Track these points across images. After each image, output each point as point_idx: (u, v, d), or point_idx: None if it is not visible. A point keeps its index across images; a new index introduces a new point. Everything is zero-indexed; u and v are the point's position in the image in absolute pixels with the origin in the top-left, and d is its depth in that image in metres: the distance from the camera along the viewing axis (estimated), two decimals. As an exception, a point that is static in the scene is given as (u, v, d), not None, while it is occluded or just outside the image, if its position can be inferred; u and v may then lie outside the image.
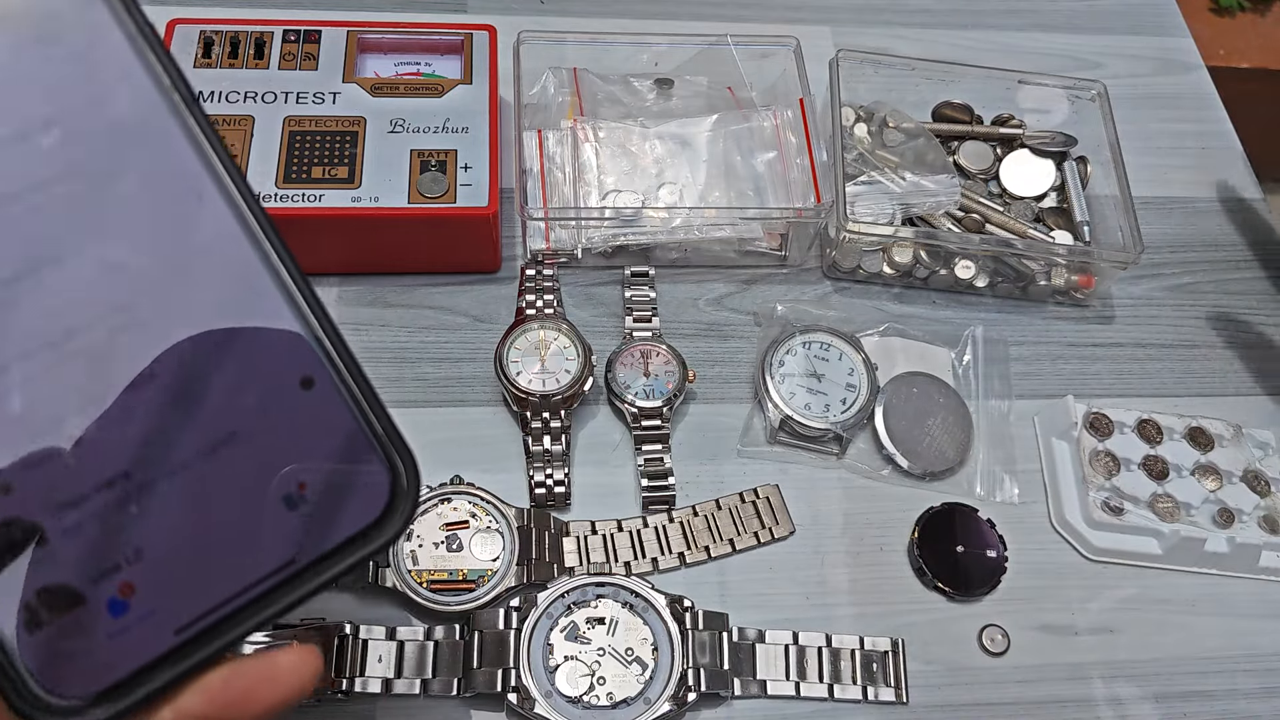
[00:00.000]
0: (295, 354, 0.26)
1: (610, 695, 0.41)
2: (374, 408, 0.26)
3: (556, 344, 0.48)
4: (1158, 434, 0.50)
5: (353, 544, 0.25)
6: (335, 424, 0.26)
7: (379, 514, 0.26)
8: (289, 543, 0.25)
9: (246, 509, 0.25)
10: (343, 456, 0.26)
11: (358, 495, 0.26)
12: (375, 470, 0.26)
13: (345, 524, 0.25)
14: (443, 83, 0.53)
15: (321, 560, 0.25)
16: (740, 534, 0.47)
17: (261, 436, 0.25)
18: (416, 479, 0.26)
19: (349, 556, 0.25)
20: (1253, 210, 0.62)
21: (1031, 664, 0.45)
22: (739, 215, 0.53)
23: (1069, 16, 0.69)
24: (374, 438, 0.26)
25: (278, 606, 0.25)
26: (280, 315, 0.26)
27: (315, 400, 0.26)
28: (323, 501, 0.26)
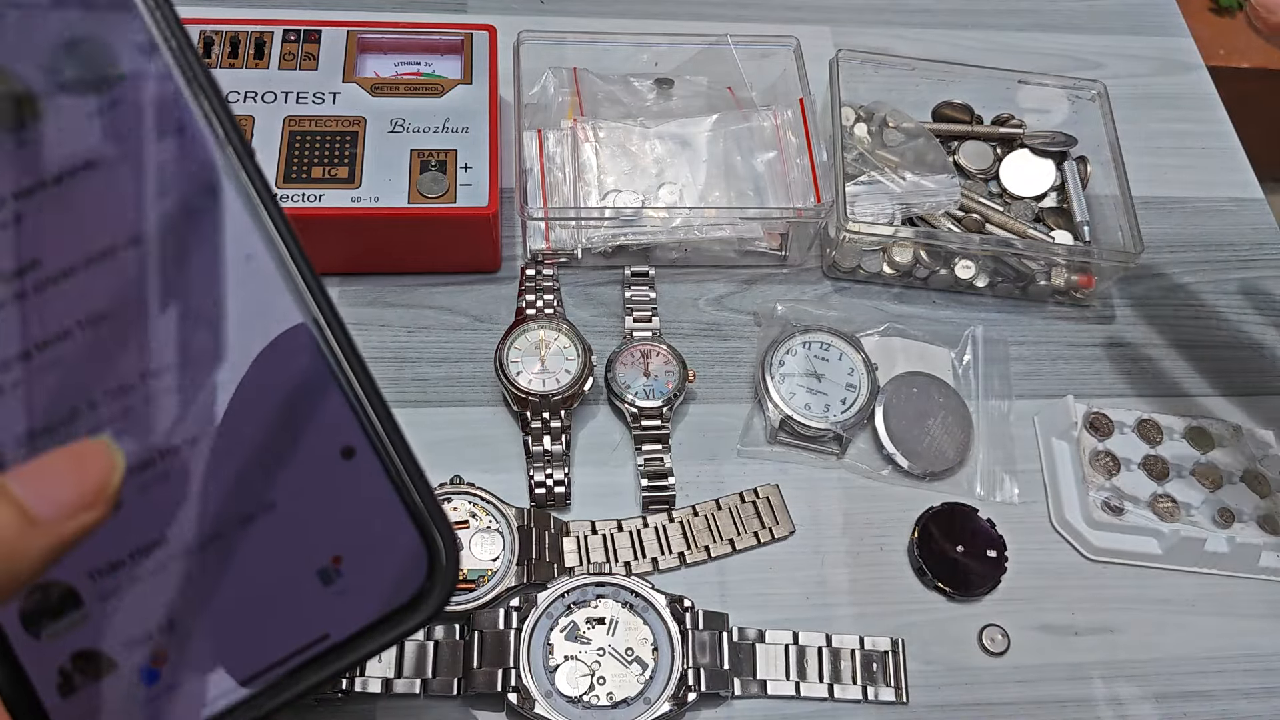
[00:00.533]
0: (337, 422, 0.25)
1: (610, 695, 0.41)
2: (416, 482, 0.25)
3: (556, 344, 0.48)
4: (1158, 434, 0.50)
5: (387, 621, 0.25)
6: (374, 497, 0.25)
7: (415, 592, 0.25)
8: (322, 619, 0.25)
9: (281, 582, 0.25)
10: (381, 531, 0.25)
11: (394, 572, 0.25)
12: (413, 547, 0.25)
13: (380, 601, 0.25)
14: (443, 83, 0.53)
15: (355, 637, 0.25)
16: (740, 534, 0.47)
17: (299, 507, 0.25)
18: (456, 557, 0.25)
19: (383, 635, 0.25)
20: (1253, 210, 0.62)
21: (1031, 664, 0.45)
22: (739, 215, 0.53)
23: (1069, 16, 0.69)
24: (414, 513, 0.25)
25: (308, 684, 0.24)
26: (324, 382, 0.25)
27: (355, 471, 0.25)
28: (359, 577, 0.25)
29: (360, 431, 0.25)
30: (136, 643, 0.24)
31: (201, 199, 0.25)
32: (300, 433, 0.25)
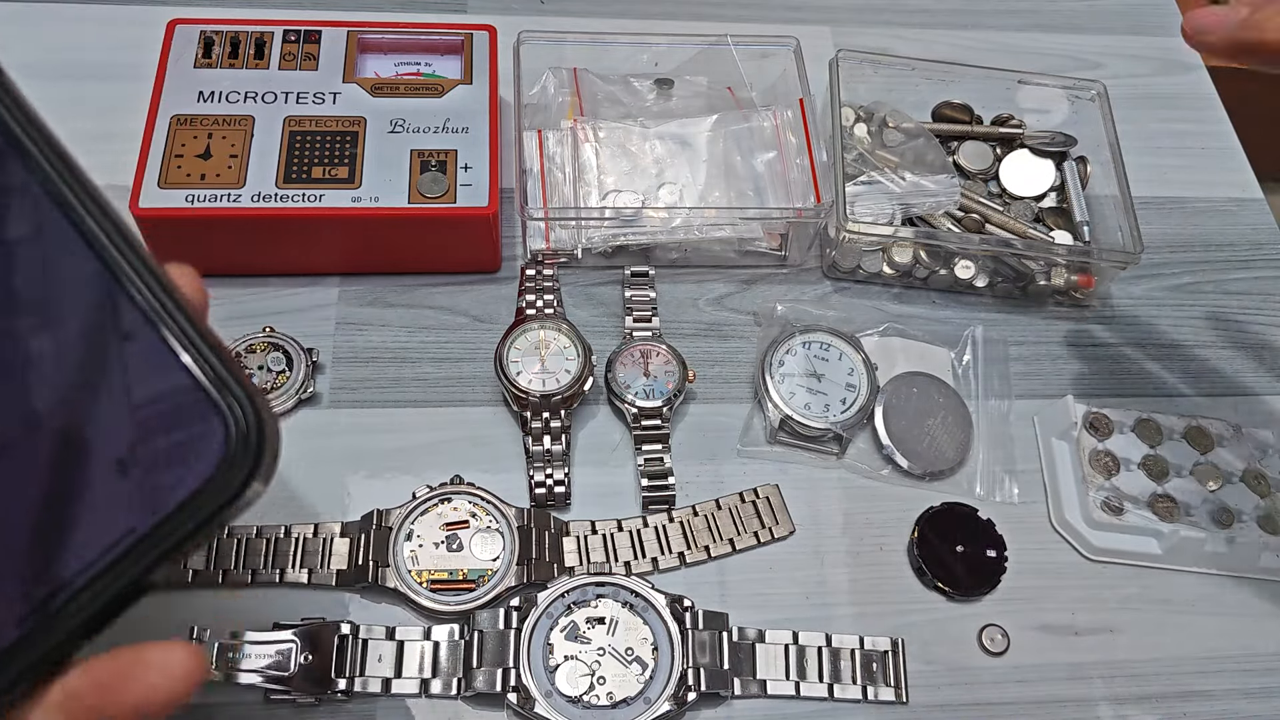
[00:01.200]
0: (107, 305, 0.24)
1: (610, 695, 0.41)
2: (201, 349, 0.23)
3: (556, 344, 0.48)
4: (1157, 434, 0.50)
5: (197, 501, 0.23)
6: (159, 375, 0.23)
7: (214, 467, 0.23)
8: (127, 510, 0.23)
9: (75, 480, 0.23)
10: (172, 409, 0.23)
11: (191, 449, 0.23)
12: (208, 419, 0.23)
13: (184, 481, 0.23)
14: (443, 83, 0.53)
15: (166, 524, 0.23)
16: (740, 534, 0.47)
17: (81, 400, 0.24)
18: (259, 422, 0.23)
19: (193, 518, 0.23)
20: (1253, 210, 0.62)
21: (1031, 664, 0.45)
22: (739, 215, 0.53)
23: (1069, 16, 0.69)
24: (204, 383, 0.23)
25: (127, 577, 0.23)
26: (85, 262, 0.24)
27: (135, 351, 0.23)
28: (157, 462, 0.23)
29: (133, 310, 0.24)
30: None
31: None
32: (71, 324, 0.24)
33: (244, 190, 0.47)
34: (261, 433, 0.23)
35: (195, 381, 0.23)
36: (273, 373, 0.48)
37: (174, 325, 0.24)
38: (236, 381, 0.23)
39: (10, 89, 0.25)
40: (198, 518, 0.23)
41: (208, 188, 0.47)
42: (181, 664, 0.24)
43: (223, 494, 0.23)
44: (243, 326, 0.49)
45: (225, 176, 0.48)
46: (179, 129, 0.49)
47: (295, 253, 0.51)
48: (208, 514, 0.23)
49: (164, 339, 0.23)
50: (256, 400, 0.23)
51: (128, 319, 0.24)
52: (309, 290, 0.52)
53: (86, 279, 0.24)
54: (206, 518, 0.23)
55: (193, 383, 0.23)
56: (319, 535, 0.44)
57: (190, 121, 0.49)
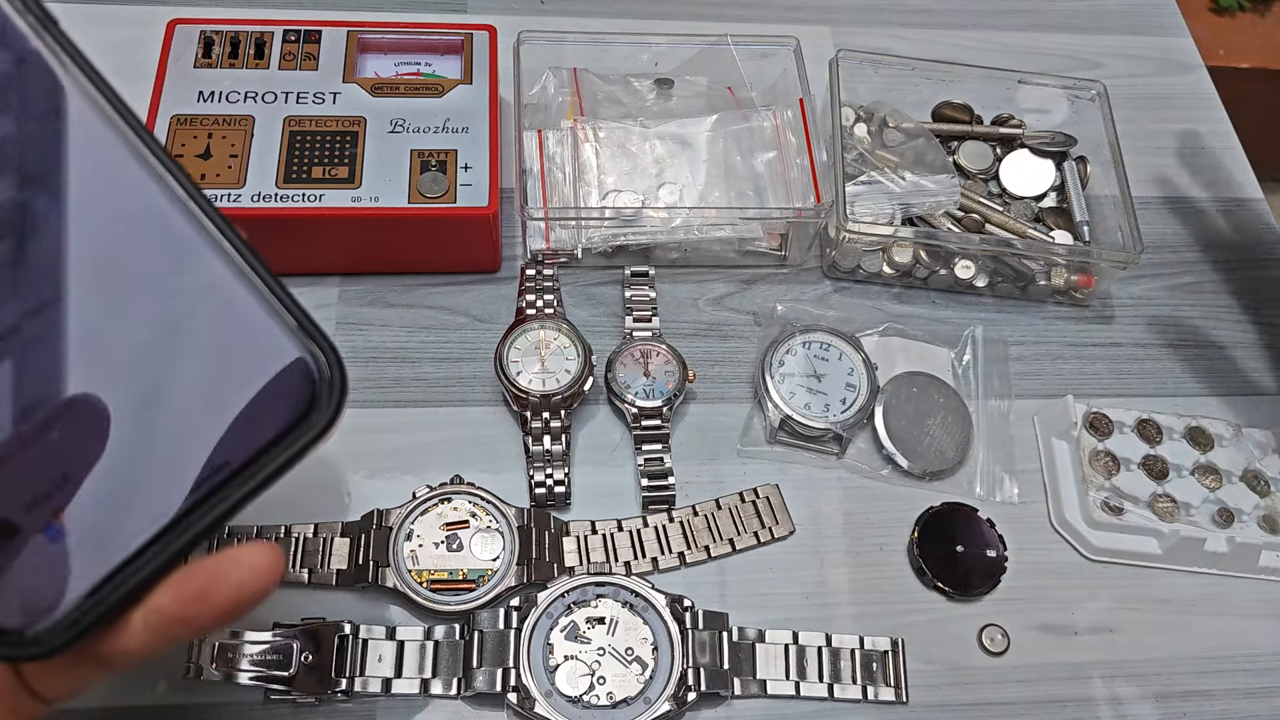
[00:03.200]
0: (194, 259, 0.26)
1: (610, 695, 0.41)
2: (284, 302, 0.26)
3: (556, 344, 0.48)
4: (1157, 434, 0.50)
5: (283, 441, 0.26)
6: (245, 324, 0.26)
7: (304, 408, 0.26)
8: (219, 448, 0.25)
9: (169, 420, 0.25)
10: (257, 355, 0.26)
11: (279, 392, 0.26)
12: (293, 365, 0.26)
13: (272, 421, 0.26)
14: (443, 83, 0.53)
15: (253, 461, 0.25)
16: (740, 534, 0.47)
17: (172, 346, 0.26)
18: (340, 368, 0.26)
19: (281, 454, 0.26)
20: (1253, 210, 0.62)
21: (1031, 664, 0.45)
22: (739, 215, 0.53)
23: (1069, 16, 0.70)
24: (287, 332, 0.26)
25: (217, 512, 0.25)
26: (173, 222, 0.26)
27: (220, 303, 0.26)
28: (245, 403, 0.26)
29: (219, 263, 0.26)
30: (34, 504, 0.24)
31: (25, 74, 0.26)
32: (160, 275, 0.26)
33: (244, 190, 0.48)
34: (343, 378, 0.26)
35: (281, 331, 0.26)
36: (273, 373, 0.48)
37: (261, 278, 0.26)
38: (318, 330, 0.26)
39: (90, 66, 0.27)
40: (287, 454, 0.25)
41: (208, 188, 0.47)
42: (265, 560, 0.26)
43: (308, 433, 0.26)
44: (243, 326, 0.49)
45: (225, 176, 0.48)
46: (179, 129, 0.49)
47: (295, 253, 0.51)
48: (293, 452, 0.26)
49: (255, 290, 0.26)
50: (336, 349, 0.26)
51: (213, 272, 0.26)
52: (309, 290, 0.52)
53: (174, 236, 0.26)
54: (291, 456, 0.26)
55: (279, 332, 0.26)
56: (319, 535, 0.44)
57: (190, 121, 0.49)
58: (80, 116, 0.26)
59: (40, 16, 0.26)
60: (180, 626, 0.26)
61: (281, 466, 0.26)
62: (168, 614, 0.25)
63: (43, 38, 0.26)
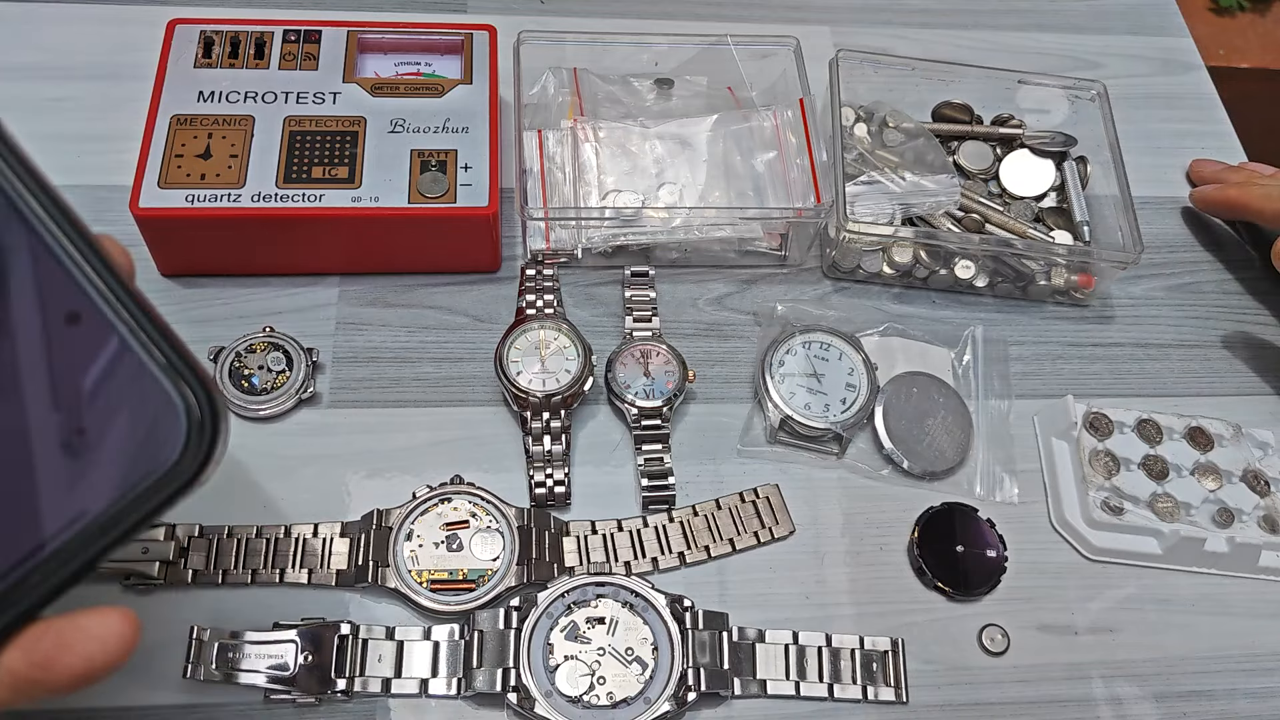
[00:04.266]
0: (56, 287, 0.24)
1: (610, 695, 0.41)
2: (154, 336, 0.24)
3: (556, 344, 0.48)
4: (1157, 434, 0.50)
5: (150, 487, 0.23)
6: (110, 359, 0.23)
7: (177, 453, 0.23)
8: (76, 494, 0.23)
9: (22, 461, 0.23)
10: (126, 393, 0.23)
11: (146, 435, 0.23)
12: (163, 405, 0.23)
13: (138, 466, 0.23)
14: (443, 83, 0.53)
15: (114, 510, 0.23)
16: (740, 534, 0.47)
17: (27, 381, 0.23)
18: (211, 409, 0.23)
19: (147, 502, 0.23)
20: (1253, 210, 0.62)
21: (1031, 664, 0.45)
22: (739, 215, 0.53)
23: (1069, 16, 0.69)
24: (157, 369, 0.23)
25: (71, 567, 0.23)
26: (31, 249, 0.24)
27: (84, 335, 0.24)
28: (109, 445, 0.23)
29: (82, 294, 0.24)
30: None
31: None
32: (17, 306, 0.24)
33: (244, 190, 0.48)
34: (215, 420, 0.23)
35: (150, 368, 0.23)
36: (273, 373, 0.47)
37: (125, 310, 0.24)
38: (190, 369, 0.23)
39: None
40: (153, 502, 0.23)
41: (208, 188, 0.47)
42: (116, 631, 0.24)
43: (179, 479, 0.23)
44: (243, 326, 0.49)
45: (225, 176, 0.48)
46: (179, 129, 0.49)
47: (295, 253, 0.51)
48: (162, 499, 0.23)
49: (114, 324, 0.23)
50: (210, 387, 0.24)
51: (75, 302, 0.24)
52: (309, 290, 0.52)
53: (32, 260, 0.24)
54: (160, 504, 0.23)
55: (147, 369, 0.23)
56: (319, 535, 0.44)
57: (190, 121, 0.49)
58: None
59: None
60: (34, 687, 0.24)
61: (147, 515, 0.23)
62: (19, 675, 0.24)
63: None
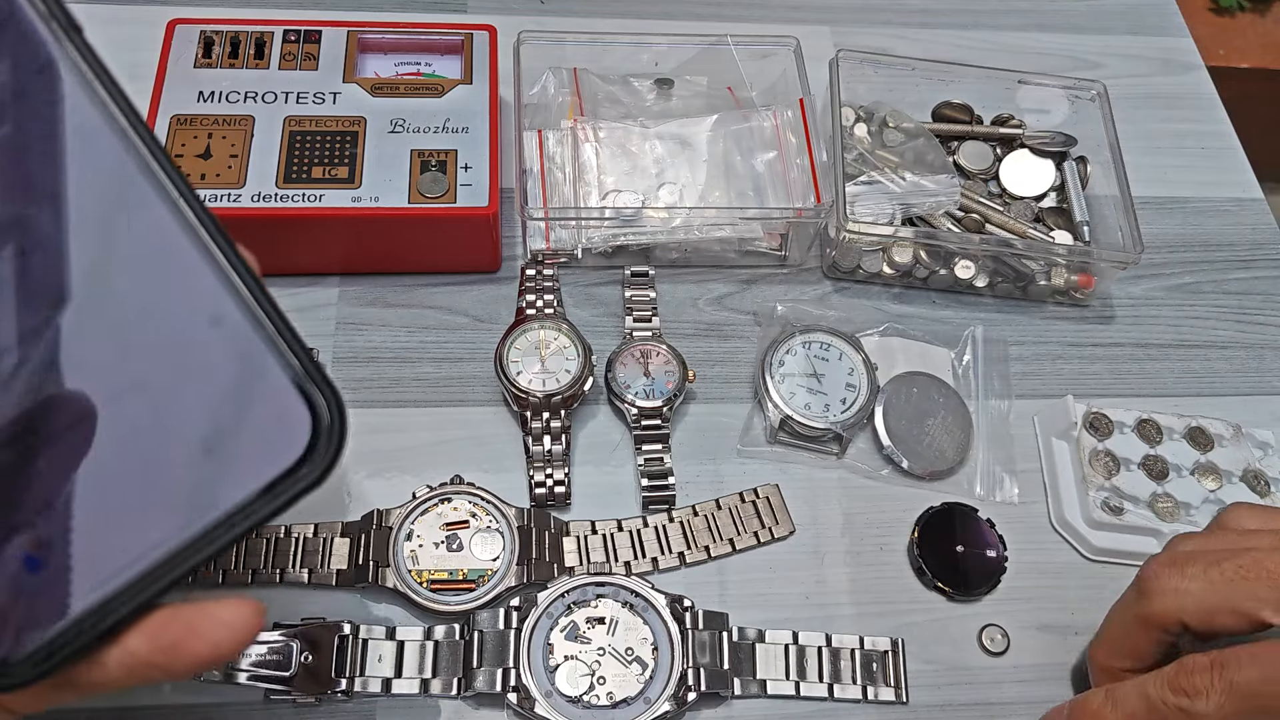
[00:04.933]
0: (200, 289, 0.25)
1: (610, 695, 0.41)
2: (289, 343, 0.25)
3: (556, 344, 0.48)
4: (1157, 434, 0.50)
5: (277, 486, 0.24)
6: (248, 362, 0.25)
7: (301, 454, 0.24)
8: (208, 490, 0.24)
9: (159, 456, 0.24)
10: (258, 396, 0.25)
11: (277, 436, 0.24)
12: (294, 409, 0.24)
13: (266, 466, 0.24)
14: (443, 83, 0.53)
15: (244, 505, 0.24)
16: (740, 534, 0.47)
17: (171, 379, 0.24)
18: (341, 415, 0.25)
19: (273, 501, 0.24)
20: (1253, 210, 0.62)
21: (1031, 664, 0.45)
22: (739, 215, 0.53)
23: (1069, 16, 0.70)
24: (291, 375, 0.25)
25: (201, 555, 0.24)
26: (181, 247, 0.25)
27: (224, 338, 0.25)
28: (242, 445, 0.24)
29: (225, 298, 0.25)
30: (14, 532, 0.23)
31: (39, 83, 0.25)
32: (163, 304, 0.25)
33: (244, 190, 0.48)
34: (344, 425, 0.25)
35: (285, 373, 0.25)
36: (273, 373, 0.47)
37: (264, 315, 0.25)
38: (321, 375, 0.25)
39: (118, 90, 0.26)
40: (275, 502, 0.24)
41: (208, 188, 0.47)
42: (244, 619, 0.25)
43: (303, 481, 0.24)
44: (243, 326, 0.49)
45: (225, 176, 0.48)
46: (179, 129, 0.49)
47: (295, 253, 0.51)
48: (284, 500, 0.24)
49: (254, 329, 0.25)
50: (339, 394, 0.25)
51: (219, 304, 0.25)
52: (309, 290, 0.52)
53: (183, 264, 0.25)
54: (283, 504, 0.24)
55: (282, 375, 0.25)
56: (319, 535, 0.44)
57: (190, 121, 0.49)
58: (95, 134, 0.25)
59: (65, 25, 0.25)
60: (153, 670, 0.25)
61: (272, 513, 0.24)
62: (141, 658, 0.25)
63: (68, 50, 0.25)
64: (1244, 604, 0.34)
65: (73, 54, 0.25)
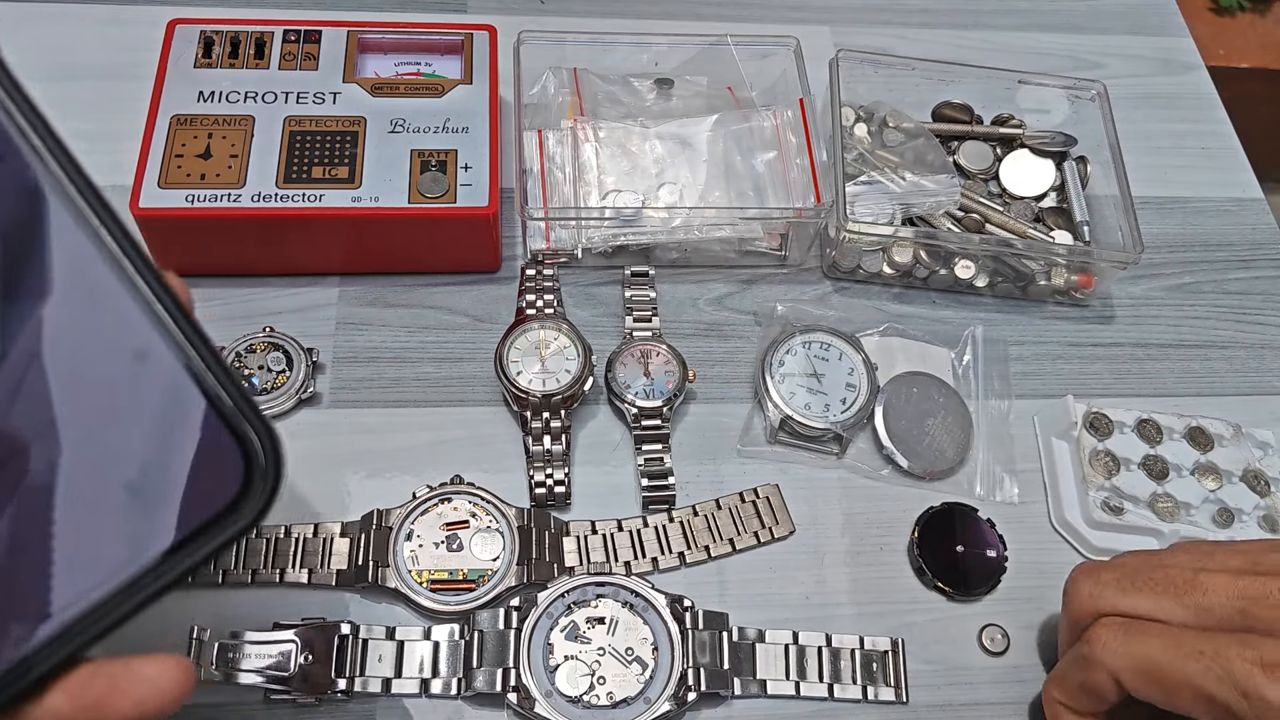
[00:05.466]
0: (124, 321, 0.23)
1: (610, 695, 0.41)
2: (219, 377, 0.23)
3: (556, 344, 0.48)
4: (1157, 434, 0.50)
5: (210, 530, 0.23)
6: (175, 398, 0.23)
7: (234, 495, 0.23)
8: (135, 533, 0.23)
9: (85, 501, 0.23)
10: (187, 434, 0.23)
11: (209, 476, 0.23)
12: (226, 447, 0.23)
13: (197, 509, 0.23)
14: (443, 83, 0.53)
15: (176, 550, 0.23)
16: (740, 534, 0.47)
17: (95, 417, 0.23)
18: (276, 452, 0.23)
19: (205, 545, 0.23)
20: (1253, 210, 0.62)
21: (1031, 664, 0.45)
22: (739, 215, 0.53)
23: (1069, 16, 0.70)
24: (221, 411, 0.23)
25: (134, 601, 0.23)
26: (102, 277, 0.23)
27: (150, 373, 0.23)
28: (169, 486, 0.23)
29: (151, 329, 0.23)
30: None
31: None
32: (84, 341, 0.23)
33: (244, 190, 0.48)
34: (279, 463, 0.23)
35: (215, 411, 0.23)
36: (273, 373, 0.48)
37: (192, 349, 0.23)
38: (254, 410, 0.23)
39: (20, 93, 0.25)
40: (213, 543, 0.23)
41: (208, 188, 0.47)
42: (172, 677, 0.24)
43: (236, 524, 0.23)
44: (243, 326, 0.49)
45: (225, 176, 0.48)
46: (179, 129, 0.49)
47: (295, 253, 0.51)
48: (219, 543, 0.23)
49: (181, 364, 0.23)
50: (273, 430, 0.23)
51: (143, 338, 0.23)
52: (309, 290, 0.52)
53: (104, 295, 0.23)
54: (217, 547, 0.23)
55: (213, 412, 0.23)
56: (319, 535, 0.44)
57: (190, 121, 0.49)
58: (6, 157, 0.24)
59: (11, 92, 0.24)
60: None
61: (205, 558, 0.23)
62: (63, 717, 0.23)
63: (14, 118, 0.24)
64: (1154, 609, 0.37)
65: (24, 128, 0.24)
